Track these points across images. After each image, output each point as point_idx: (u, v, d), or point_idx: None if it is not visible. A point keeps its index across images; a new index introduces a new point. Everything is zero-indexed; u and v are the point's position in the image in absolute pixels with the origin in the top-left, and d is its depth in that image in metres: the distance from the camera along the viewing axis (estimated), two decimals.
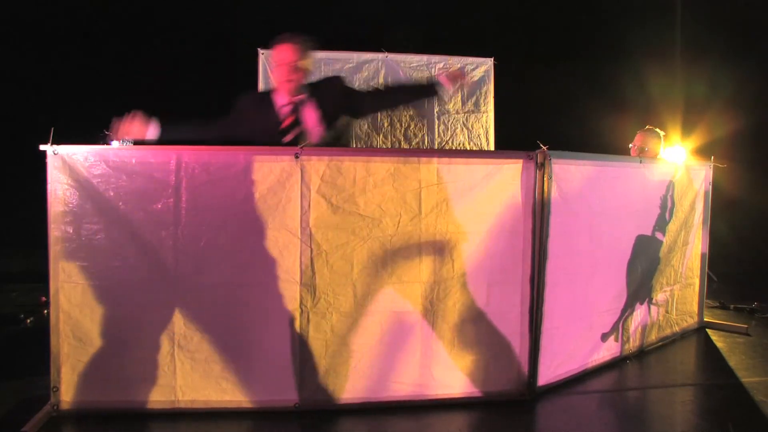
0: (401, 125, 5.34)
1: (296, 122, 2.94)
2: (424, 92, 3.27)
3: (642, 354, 3.42)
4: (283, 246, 2.50)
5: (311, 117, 2.94)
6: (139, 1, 6.38)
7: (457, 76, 3.03)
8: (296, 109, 2.94)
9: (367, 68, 5.21)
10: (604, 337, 3.17)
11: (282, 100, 2.96)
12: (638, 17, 6.81)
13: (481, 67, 5.46)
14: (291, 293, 2.51)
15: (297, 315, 2.51)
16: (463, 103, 5.44)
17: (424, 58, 5.33)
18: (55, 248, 2.40)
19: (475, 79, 5.45)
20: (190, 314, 2.47)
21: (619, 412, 2.72)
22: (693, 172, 3.79)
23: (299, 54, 2.90)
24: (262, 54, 5.11)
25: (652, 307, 3.51)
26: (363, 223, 2.53)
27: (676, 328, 3.77)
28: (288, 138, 2.91)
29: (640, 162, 3.35)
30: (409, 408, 2.58)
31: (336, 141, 3.01)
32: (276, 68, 2.96)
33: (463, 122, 5.43)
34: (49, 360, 2.42)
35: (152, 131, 2.86)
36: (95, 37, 6.33)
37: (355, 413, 2.54)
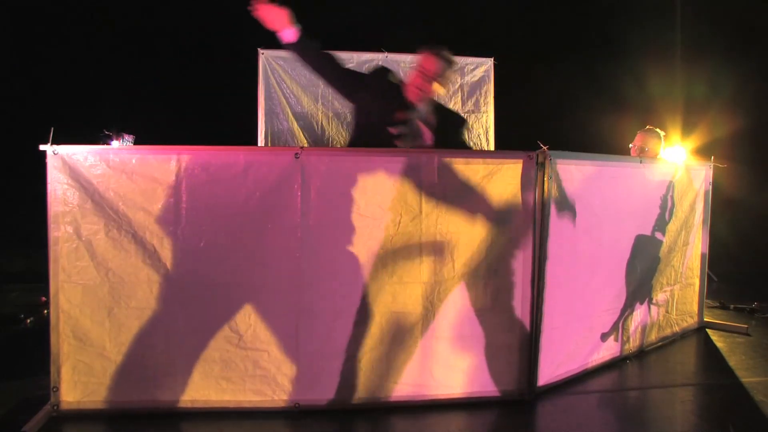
0: None
1: (406, 122, 3.01)
2: None
3: (642, 354, 3.42)
4: (283, 246, 2.49)
5: (423, 129, 3.04)
6: (140, 1, 6.38)
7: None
8: (411, 119, 3.01)
9: (367, 68, 5.22)
10: (604, 337, 3.17)
11: (407, 97, 3.03)
12: (638, 17, 6.81)
13: (481, 67, 5.47)
14: (291, 293, 2.51)
15: (296, 315, 2.51)
16: (463, 103, 5.45)
17: None
18: (55, 248, 2.40)
19: (475, 79, 5.45)
20: (190, 314, 2.47)
21: (619, 412, 2.72)
22: (693, 172, 3.79)
23: (441, 70, 3.00)
24: (262, 54, 5.12)
25: (652, 307, 3.51)
26: (363, 223, 2.53)
27: (676, 328, 3.77)
28: (393, 130, 2.97)
29: (640, 162, 3.34)
30: (409, 408, 2.58)
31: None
32: (416, 72, 3.02)
33: None
34: (49, 360, 2.42)
35: (290, 33, 2.86)
36: (96, 37, 6.33)
37: (356, 413, 2.54)
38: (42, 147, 2.36)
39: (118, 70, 6.33)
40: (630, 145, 4.19)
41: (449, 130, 3.17)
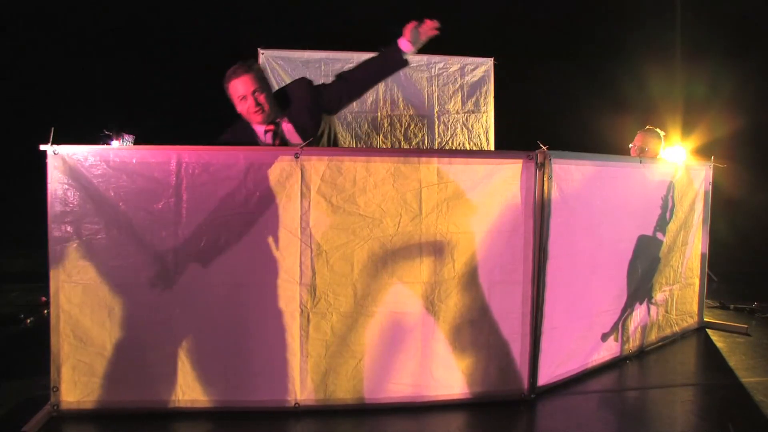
0: (401, 125, 5.34)
1: (283, 144, 2.88)
2: (390, 63, 2.99)
3: (642, 354, 3.42)
4: (283, 246, 2.50)
5: (293, 133, 2.88)
6: (140, 1, 6.38)
7: (419, 29, 2.82)
8: (277, 131, 2.88)
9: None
10: (604, 337, 3.17)
11: (260, 128, 2.89)
12: (638, 17, 6.81)
13: (481, 67, 5.46)
14: (291, 293, 2.51)
15: (297, 315, 2.51)
16: (463, 103, 5.45)
17: (424, 58, 5.32)
18: (55, 248, 2.40)
19: (476, 79, 5.45)
20: (191, 314, 2.47)
21: (619, 412, 2.72)
22: (693, 172, 3.79)
23: (257, 81, 2.79)
24: (262, 54, 5.11)
25: (652, 307, 3.51)
26: (363, 223, 2.53)
27: (676, 328, 3.77)
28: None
29: (640, 162, 3.35)
30: (409, 408, 2.58)
31: (327, 143, 2.99)
32: (240, 102, 2.81)
33: (463, 122, 5.43)
34: (49, 360, 2.42)
35: None
36: (96, 37, 6.34)
37: (355, 413, 2.54)
38: (42, 147, 2.36)
39: (119, 70, 6.33)
40: (630, 145, 4.20)
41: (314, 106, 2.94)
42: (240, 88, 2.78)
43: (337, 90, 2.99)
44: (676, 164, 3.75)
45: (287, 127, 2.89)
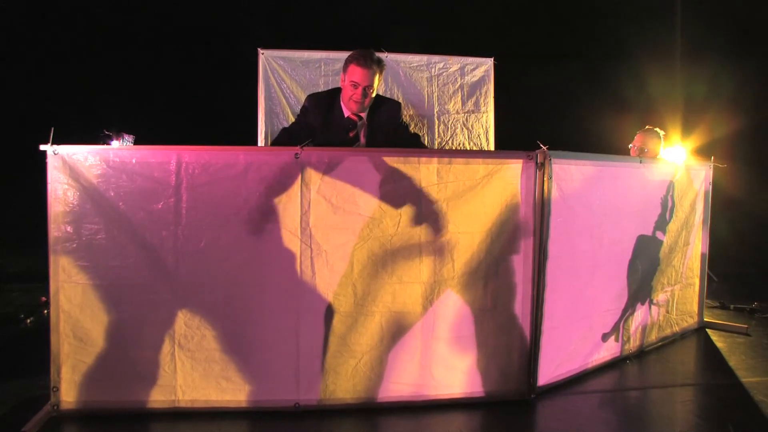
0: None
1: (356, 137, 3.10)
2: None
3: (642, 354, 3.42)
4: (283, 246, 2.50)
5: (364, 136, 3.13)
6: (140, 1, 6.38)
7: None
8: (358, 126, 3.10)
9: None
10: (605, 337, 3.17)
11: (347, 112, 3.10)
12: (638, 17, 6.82)
13: (481, 67, 5.45)
14: (291, 293, 2.51)
15: (297, 315, 2.51)
16: (463, 103, 5.44)
17: (424, 58, 5.32)
18: (55, 248, 2.40)
19: (475, 79, 5.44)
20: (190, 314, 2.47)
21: (619, 412, 2.72)
22: (693, 172, 3.79)
23: (375, 81, 3.01)
24: (262, 54, 5.11)
25: (653, 307, 3.51)
26: (363, 223, 2.53)
27: (676, 328, 3.77)
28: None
29: (640, 162, 3.35)
30: (410, 408, 2.58)
31: None
32: (349, 86, 3.01)
33: (463, 122, 5.42)
34: (49, 360, 2.42)
35: None
36: (95, 37, 6.34)
37: (356, 413, 2.54)
38: (42, 147, 2.36)
39: (119, 70, 6.33)
40: (630, 146, 4.20)
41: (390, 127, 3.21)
42: (359, 76, 2.97)
43: (405, 137, 3.25)
44: (676, 164, 3.75)
45: (363, 131, 3.13)
